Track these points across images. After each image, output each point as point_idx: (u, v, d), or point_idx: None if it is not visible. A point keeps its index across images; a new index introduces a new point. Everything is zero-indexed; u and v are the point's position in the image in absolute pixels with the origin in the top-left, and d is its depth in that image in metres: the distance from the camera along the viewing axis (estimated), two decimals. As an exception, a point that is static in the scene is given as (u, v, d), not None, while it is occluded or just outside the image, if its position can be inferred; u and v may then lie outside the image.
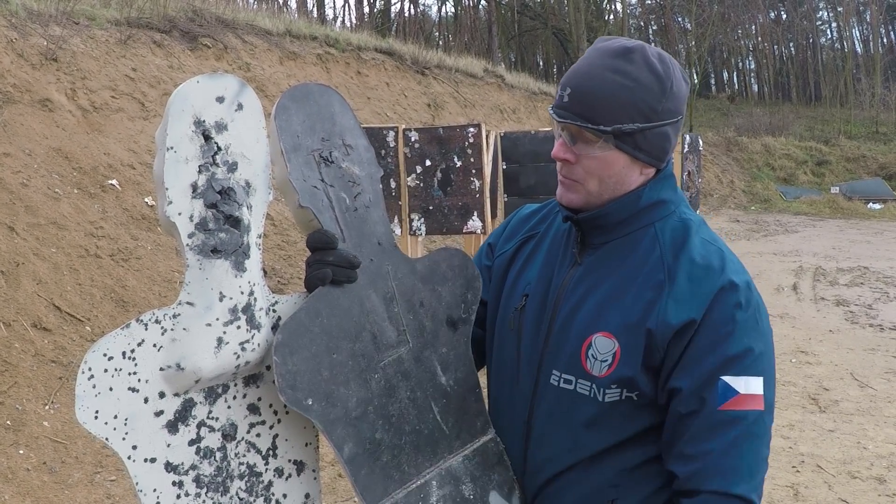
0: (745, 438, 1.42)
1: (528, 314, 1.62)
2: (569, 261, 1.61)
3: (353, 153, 1.45)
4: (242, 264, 1.23)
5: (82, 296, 6.13)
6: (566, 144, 1.51)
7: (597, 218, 1.54)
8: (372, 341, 1.41)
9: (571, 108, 1.47)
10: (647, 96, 1.45)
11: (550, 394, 1.55)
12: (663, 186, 1.55)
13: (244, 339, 1.24)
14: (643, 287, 1.49)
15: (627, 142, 1.46)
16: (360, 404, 1.37)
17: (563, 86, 1.50)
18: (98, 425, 1.10)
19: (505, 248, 1.78)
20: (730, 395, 1.42)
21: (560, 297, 1.58)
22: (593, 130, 1.45)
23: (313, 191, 1.36)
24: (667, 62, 1.48)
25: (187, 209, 1.17)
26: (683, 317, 1.43)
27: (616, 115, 1.44)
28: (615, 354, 1.48)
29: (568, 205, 1.57)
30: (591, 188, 1.52)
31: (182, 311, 1.17)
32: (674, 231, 1.53)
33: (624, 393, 1.48)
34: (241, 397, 1.28)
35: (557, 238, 1.67)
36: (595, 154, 1.48)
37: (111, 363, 1.10)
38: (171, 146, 1.15)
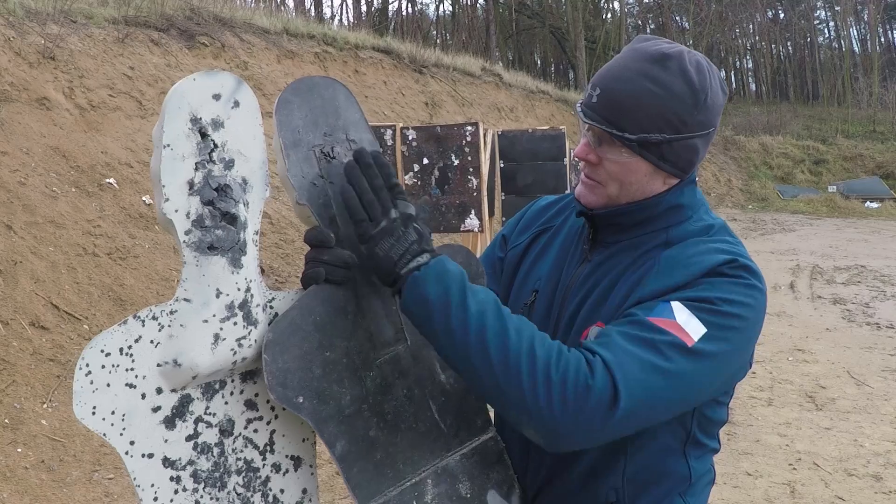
0: (654, 349, 1.30)
1: (536, 310, 1.61)
2: (578, 258, 1.59)
3: (356, 148, 1.43)
4: (239, 261, 1.23)
5: (80, 294, 6.13)
6: (590, 145, 1.47)
7: (613, 216, 1.52)
8: (368, 339, 1.40)
9: (599, 110, 1.42)
10: (678, 107, 1.39)
11: None
12: (684, 192, 1.51)
13: (241, 335, 1.24)
14: (637, 271, 1.47)
15: (653, 151, 1.42)
16: (354, 402, 1.37)
17: (593, 84, 1.45)
18: (96, 421, 1.10)
19: (518, 241, 1.75)
20: (665, 315, 1.33)
21: (567, 295, 1.56)
22: (618, 137, 1.41)
23: (311, 188, 1.35)
24: (704, 72, 1.42)
25: (184, 206, 1.17)
26: (659, 286, 1.39)
27: (643, 124, 1.39)
28: None
29: (587, 205, 1.54)
30: (612, 191, 1.49)
31: (179, 307, 1.18)
32: (688, 233, 1.49)
33: None
34: (238, 393, 1.29)
35: (571, 234, 1.64)
36: (618, 159, 1.44)
37: (108, 359, 1.11)
38: (168, 143, 1.15)
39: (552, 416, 1.24)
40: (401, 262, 1.31)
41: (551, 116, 20.87)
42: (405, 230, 1.33)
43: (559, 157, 8.34)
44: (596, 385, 1.25)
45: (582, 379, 1.25)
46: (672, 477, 1.52)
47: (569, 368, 1.26)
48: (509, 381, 1.26)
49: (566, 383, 1.24)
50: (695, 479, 1.54)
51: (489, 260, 1.80)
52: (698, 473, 1.55)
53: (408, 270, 1.30)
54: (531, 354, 1.26)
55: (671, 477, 1.52)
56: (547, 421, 1.25)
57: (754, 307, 1.39)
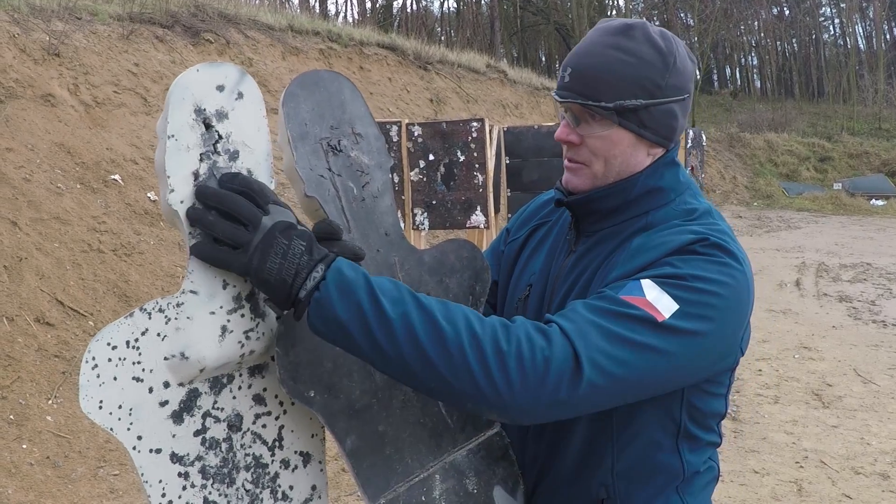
0: (622, 321, 1.25)
1: (530, 305, 1.60)
2: (566, 248, 1.59)
3: (362, 142, 1.43)
4: None
5: (85, 290, 6.12)
6: (570, 126, 1.47)
7: (588, 202, 1.51)
8: None
9: (573, 88, 1.43)
10: (649, 71, 1.41)
11: None
12: (663, 173, 1.49)
13: (248, 327, 1.22)
14: (616, 258, 1.45)
15: (631, 119, 1.42)
16: (364, 396, 1.35)
17: (564, 67, 1.47)
18: (102, 415, 1.08)
19: (517, 235, 1.76)
20: (636, 293, 1.29)
21: (554, 287, 1.56)
22: (594, 107, 1.41)
23: (319, 180, 1.34)
24: (669, 38, 1.45)
25: (189, 197, 1.16)
26: (628, 267, 1.38)
27: (618, 91, 1.40)
28: None
29: (574, 189, 1.52)
30: (597, 170, 1.48)
31: (186, 299, 1.16)
32: (667, 216, 1.47)
33: None
34: (246, 387, 1.27)
35: (563, 227, 1.65)
36: (599, 133, 1.44)
37: (115, 352, 1.09)
38: (172, 134, 1.14)
39: (512, 394, 1.17)
40: (295, 284, 1.15)
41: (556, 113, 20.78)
42: (288, 242, 1.16)
43: (564, 154, 8.27)
44: (554, 354, 1.19)
45: (539, 349, 1.19)
46: (665, 472, 1.49)
47: (521, 340, 1.19)
48: (458, 374, 1.17)
49: (522, 356, 1.17)
50: (690, 474, 1.50)
51: (494, 253, 1.81)
52: (694, 468, 1.50)
53: (306, 293, 1.16)
54: (473, 337, 1.17)
55: (664, 472, 1.49)
56: (508, 399, 1.17)
57: (733, 287, 1.33)
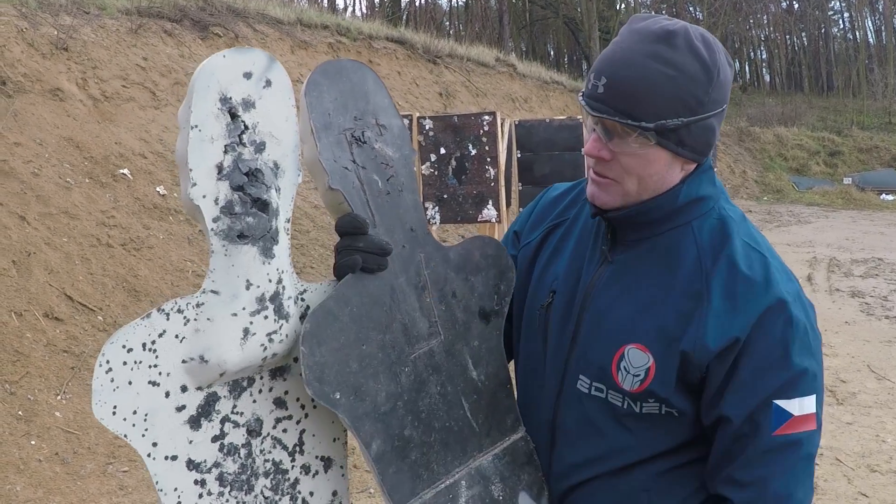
0: (800, 461, 1.34)
1: (554, 313, 1.51)
2: (599, 257, 1.48)
3: (386, 134, 1.36)
4: (270, 250, 1.15)
5: (94, 285, 6.09)
6: (601, 140, 1.35)
7: (630, 217, 1.41)
8: (403, 332, 1.33)
9: (608, 101, 1.30)
10: (692, 87, 1.29)
11: (578, 399, 1.46)
12: (702, 181, 1.41)
13: (272, 329, 1.16)
14: (680, 296, 1.37)
15: (670, 138, 1.31)
16: (390, 399, 1.29)
17: (597, 74, 1.32)
18: (116, 421, 1.03)
19: (530, 238, 1.64)
20: (784, 419, 1.32)
21: (588, 296, 1.46)
22: (634, 127, 1.29)
23: (344, 172, 1.28)
24: (712, 46, 1.33)
25: (212, 191, 1.10)
26: (724, 338, 1.32)
27: (659, 110, 1.28)
28: (649, 370, 1.36)
29: (602, 206, 1.42)
30: (629, 188, 1.37)
31: (206, 299, 1.10)
32: (712, 231, 1.40)
33: (664, 408, 1.38)
34: (266, 391, 1.21)
35: (587, 228, 1.53)
36: (635, 151, 1.33)
37: (130, 355, 1.03)
38: (196, 124, 1.08)
39: None
40: None
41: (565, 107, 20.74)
42: None
43: (577, 147, 8.21)
44: None
45: None
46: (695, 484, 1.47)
47: None
48: None
49: None
50: None
51: None
52: None
53: None
54: None
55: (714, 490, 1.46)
56: None
57: (817, 336, 1.39)
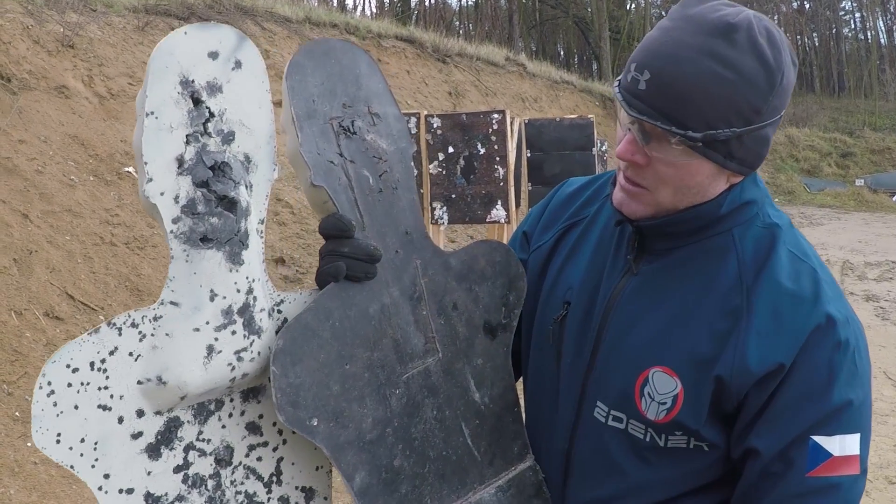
0: None
1: (569, 327, 1.34)
2: (621, 265, 1.31)
3: (380, 123, 1.21)
4: (239, 256, 1.01)
5: (96, 284, 6.00)
6: (636, 143, 1.16)
7: (665, 226, 1.23)
8: (394, 349, 1.19)
9: (650, 101, 1.11)
10: (750, 94, 1.10)
11: (595, 429, 1.29)
12: (746, 184, 1.23)
13: (240, 346, 1.02)
14: (715, 312, 1.20)
15: (719, 149, 1.13)
16: (377, 425, 1.15)
17: (639, 66, 1.12)
18: (61, 451, 0.90)
19: (543, 240, 1.47)
20: (822, 459, 1.16)
21: (609, 311, 1.29)
22: (678, 135, 1.10)
23: (329, 167, 1.13)
24: (777, 44, 1.12)
25: (172, 188, 0.96)
26: (768, 362, 1.15)
27: (709, 118, 1.09)
28: (677, 397, 1.20)
29: (630, 216, 1.25)
30: (663, 198, 1.20)
31: (165, 312, 0.96)
32: (757, 241, 1.23)
33: (692, 442, 1.22)
34: (238, 415, 1.07)
35: (608, 231, 1.36)
36: (674, 160, 1.14)
37: (76, 376, 0.90)
38: (152, 111, 0.94)
39: None
40: None
41: (575, 107, 20.56)
42: None
43: (587, 147, 8.08)
44: None
45: None
46: None
47: None
48: None
49: None
50: None
51: None
52: None
53: None
54: None
55: None
56: None
57: (867, 363, 1.23)
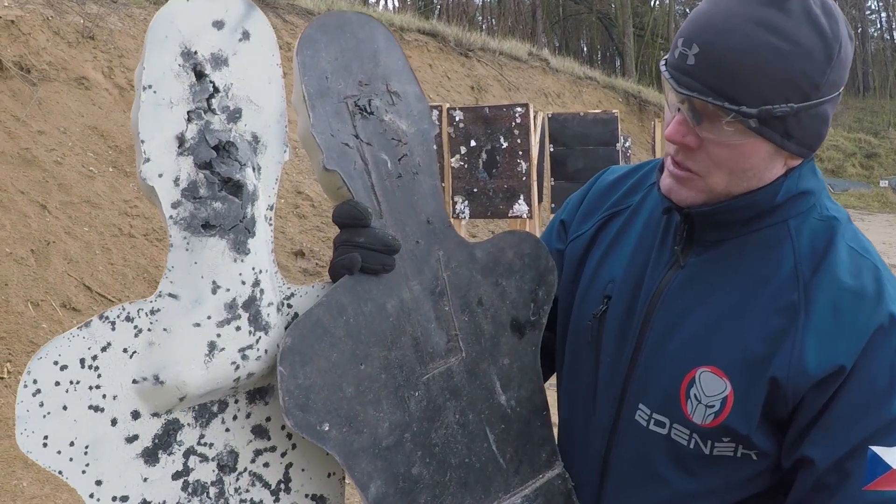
0: None
1: (609, 324, 1.26)
2: (667, 258, 1.23)
3: (399, 103, 1.12)
4: (244, 244, 0.93)
5: (114, 276, 5.97)
6: (687, 123, 1.09)
7: (719, 213, 1.15)
8: (413, 348, 1.10)
9: (700, 76, 1.05)
10: (807, 66, 1.03)
11: (636, 434, 1.21)
12: (804, 173, 1.15)
13: (245, 343, 0.94)
14: (768, 309, 1.12)
15: (775, 128, 1.06)
16: (394, 430, 1.06)
17: (687, 40, 1.07)
18: (48, 455, 0.82)
19: (582, 229, 1.38)
20: (880, 471, 1.06)
21: (653, 306, 1.21)
22: (732, 112, 1.04)
23: (343, 149, 1.04)
24: (833, 14, 1.06)
25: (171, 169, 0.87)
26: (828, 363, 1.07)
27: (764, 92, 1.03)
28: (726, 400, 1.12)
29: (681, 203, 1.17)
30: (716, 183, 1.12)
31: (163, 305, 0.88)
32: (814, 234, 1.15)
33: (740, 450, 1.14)
34: (243, 417, 0.99)
35: (653, 221, 1.28)
36: (728, 141, 1.07)
37: (65, 374, 0.82)
38: (150, 84, 0.85)
39: None
40: None
41: (598, 103, 20.38)
42: None
43: (611, 142, 7.96)
44: None
45: None
46: None
47: None
48: None
49: None
50: None
51: None
52: None
53: None
54: None
55: None
56: None
57: None
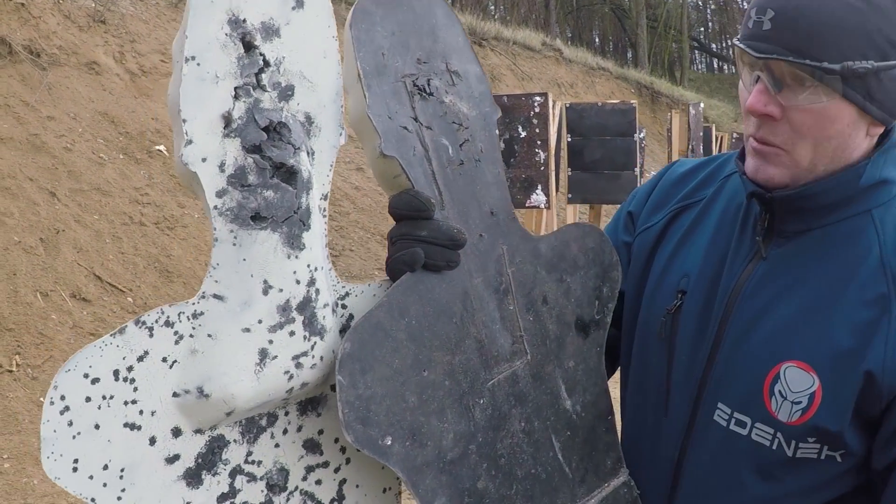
0: None
1: (685, 320, 1.20)
2: (746, 251, 1.18)
3: (460, 83, 1.02)
4: (299, 238, 0.81)
5: (125, 265, 5.88)
6: (768, 92, 1.05)
7: (800, 199, 1.11)
8: (478, 352, 1.00)
9: (778, 39, 1.01)
10: (883, 22, 1.00)
11: (714, 435, 1.16)
12: (887, 160, 1.12)
13: (300, 350, 0.83)
14: (856, 302, 1.08)
15: (857, 88, 1.02)
16: (459, 442, 0.96)
17: (760, 8, 1.04)
18: (79, 481, 0.71)
19: (651, 221, 1.33)
20: None
21: (734, 301, 1.16)
22: (814, 69, 1.00)
23: (402, 134, 0.94)
24: None
25: (216, 153, 0.76)
26: None
27: (843, 48, 0.99)
28: (814, 395, 1.07)
29: (767, 182, 1.12)
30: (802, 156, 1.08)
31: (207, 308, 0.77)
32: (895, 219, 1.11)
33: (825, 451, 1.08)
34: (294, 431, 0.88)
35: (729, 214, 1.23)
36: (812, 105, 1.03)
37: (97, 388, 0.71)
38: (193, 55, 0.74)
39: None
40: None
41: (611, 94, 20.22)
42: None
43: (629, 133, 7.83)
44: None
45: None
46: None
47: None
48: None
49: None
50: None
51: None
52: None
53: None
54: None
55: None
56: None
57: None
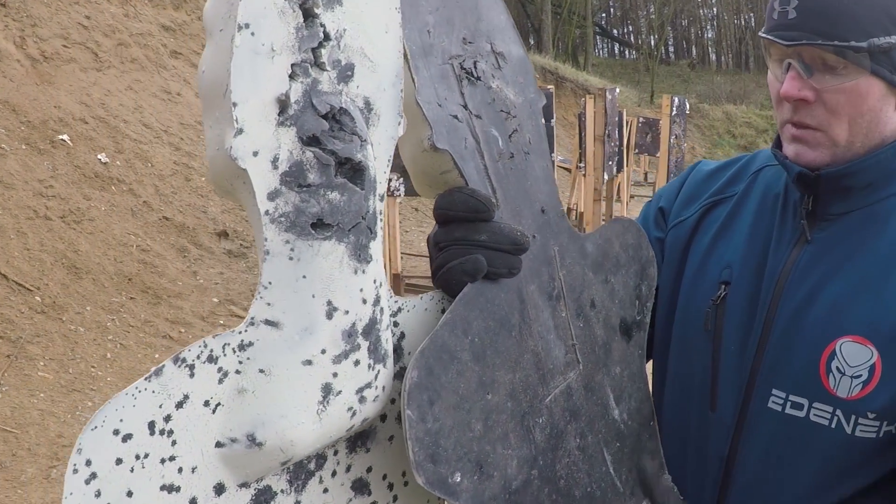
0: None
1: (731, 310, 1.20)
2: (790, 236, 1.20)
3: (505, 67, 0.91)
4: (366, 249, 0.67)
5: (31, 262, 5.58)
6: (800, 77, 1.10)
7: (845, 176, 1.14)
8: (535, 366, 0.88)
9: (805, 26, 1.07)
10: None
11: (768, 423, 1.15)
12: None
13: (364, 381, 0.69)
14: None
15: (884, 63, 1.07)
16: (522, 468, 0.85)
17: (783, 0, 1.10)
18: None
19: (684, 215, 1.34)
20: None
21: (782, 286, 1.17)
22: (843, 49, 1.05)
23: (453, 123, 0.81)
24: None
25: (269, 145, 0.61)
26: None
27: (867, 26, 1.05)
28: (874, 367, 1.08)
29: (809, 165, 1.15)
30: (838, 135, 1.12)
31: (257, 336, 0.62)
32: None
33: (883, 427, 1.08)
34: (343, 472, 0.74)
35: (767, 204, 1.25)
36: (843, 84, 1.08)
37: (129, 447, 0.56)
38: (248, 23, 0.59)
39: None
40: None
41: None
42: None
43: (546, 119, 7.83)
44: None
45: None
46: None
47: None
48: None
49: None
50: None
51: None
52: None
53: None
54: None
55: None
56: None
57: None
